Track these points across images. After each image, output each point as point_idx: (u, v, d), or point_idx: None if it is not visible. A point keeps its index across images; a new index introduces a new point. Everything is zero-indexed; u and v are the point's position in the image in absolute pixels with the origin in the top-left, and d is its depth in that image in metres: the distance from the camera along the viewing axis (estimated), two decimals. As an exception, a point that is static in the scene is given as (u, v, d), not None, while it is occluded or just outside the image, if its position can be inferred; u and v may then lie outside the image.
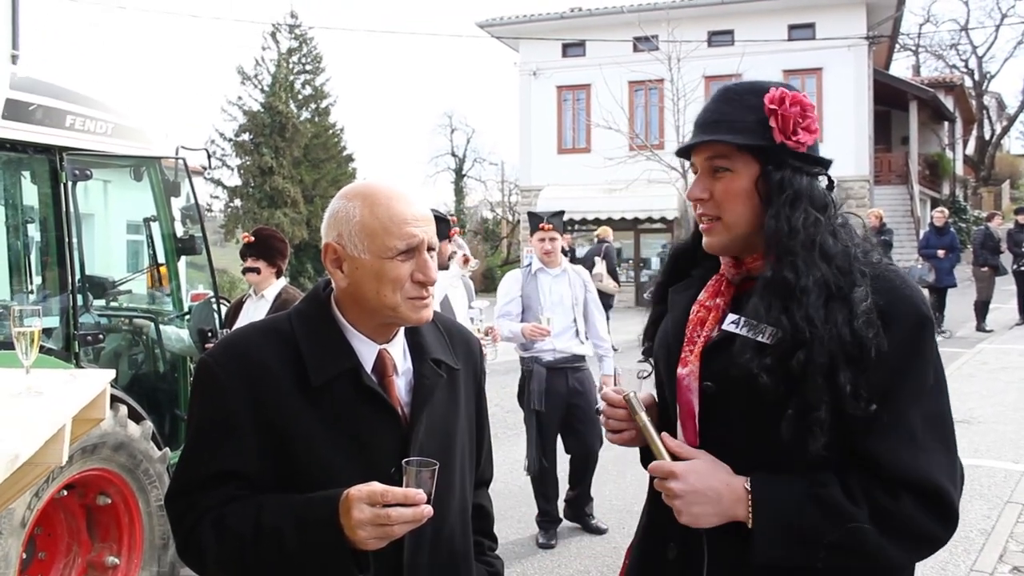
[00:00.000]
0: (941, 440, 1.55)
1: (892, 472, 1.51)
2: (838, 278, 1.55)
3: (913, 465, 1.51)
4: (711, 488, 1.57)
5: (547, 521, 5.74)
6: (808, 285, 1.54)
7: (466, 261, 5.68)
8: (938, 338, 1.69)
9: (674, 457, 1.64)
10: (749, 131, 1.64)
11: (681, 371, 1.71)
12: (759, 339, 1.58)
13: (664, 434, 1.66)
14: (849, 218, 1.68)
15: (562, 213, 5.90)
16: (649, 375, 1.88)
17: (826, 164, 1.69)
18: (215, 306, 5.23)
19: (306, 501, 1.59)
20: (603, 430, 1.86)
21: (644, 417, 1.68)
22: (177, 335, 5.21)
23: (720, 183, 1.68)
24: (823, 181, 1.69)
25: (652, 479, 1.71)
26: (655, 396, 1.88)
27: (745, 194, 1.66)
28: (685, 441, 1.70)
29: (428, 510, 1.52)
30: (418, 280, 1.69)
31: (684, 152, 1.74)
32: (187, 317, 5.30)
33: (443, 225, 5.42)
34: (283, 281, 5.11)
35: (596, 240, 15.14)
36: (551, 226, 5.62)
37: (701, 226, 1.74)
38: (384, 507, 1.50)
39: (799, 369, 1.51)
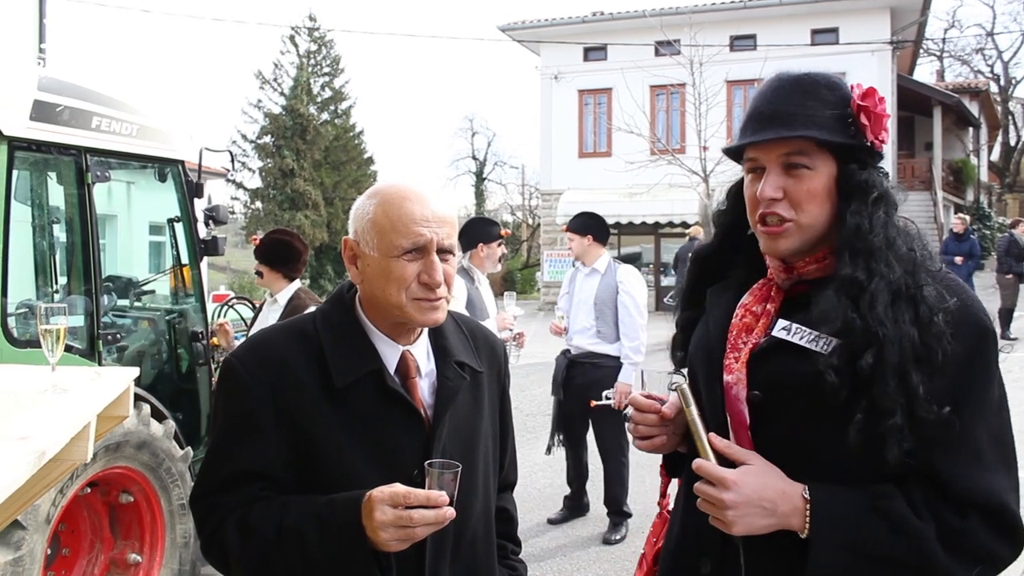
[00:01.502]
0: (1004, 459, 1.50)
1: (957, 490, 1.45)
2: (907, 279, 1.49)
3: (980, 484, 1.45)
4: (766, 499, 1.47)
5: (568, 497, 6.18)
6: (881, 285, 1.47)
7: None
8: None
9: (721, 459, 1.54)
10: (830, 127, 1.55)
11: (728, 378, 1.61)
12: (815, 348, 1.50)
13: (712, 435, 1.56)
14: (904, 222, 1.60)
15: (584, 215, 6.03)
16: (676, 388, 1.69)
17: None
18: (203, 309, 5.30)
19: (328, 502, 1.59)
20: (630, 437, 1.77)
21: (695, 411, 1.57)
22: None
23: (798, 182, 1.56)
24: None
25: (689, 482, 1.61)
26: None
27: (825, 193, 1.56)
28: None
29: (450, 512, 1.52)
30: (423, 282, 1.68)
31: (737, 150, 1.64)
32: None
33: (493, 228, 5.50)
34: (296, 285, 5.08)
35: (688, 239, 15.41)
36: (567, 227, 6.00)
37: (765, 228, 1.60)
38: (406, 509, 1.50)
39: (868, 371, 1.44)
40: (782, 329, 1.57)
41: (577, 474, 6.17)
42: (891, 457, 1.43)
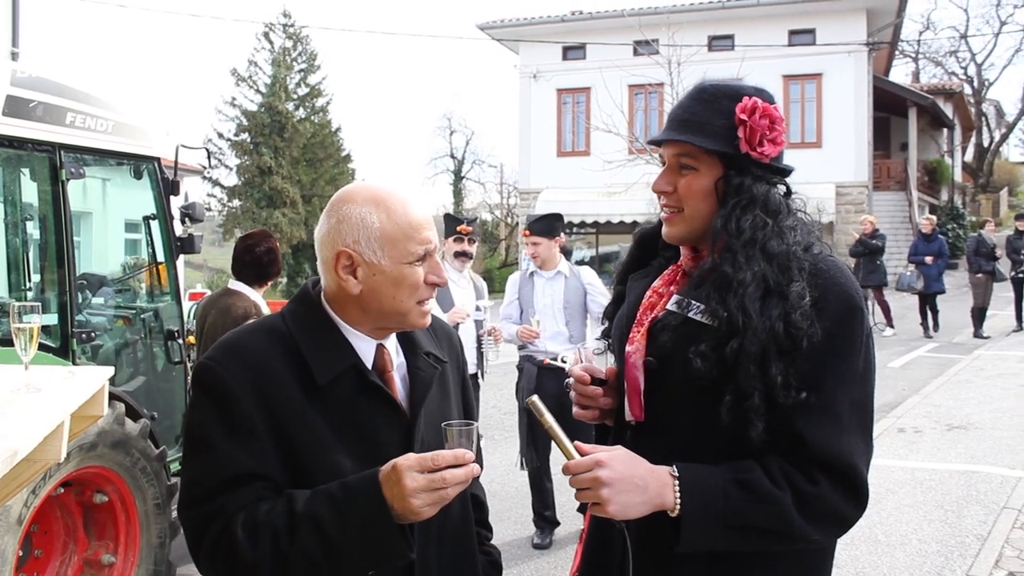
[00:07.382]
0: (861, 425, 1.63)
1: (814, 449, 1.57)
2: (777, 275, 1.62)
3: (835, 445, 1.58)
4: (637, 475, 1.58)
5: (543, 521, 5.73)
6: (746, 278, 1.61)
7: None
8: (932, 344, 1.71)
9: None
10: (717, 136, 1.70)
11: (628, 348, 1.78)
12: (701, 319, 1.66)
13: (576, 442, 1.64)
14: (802, 219, 1.75)
15: (551, 217, 5.76)
16: (603, 352, 1.93)
17: (786, 173, 1.77)
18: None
19: (341, 485, 1.57)
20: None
21: (550, 419, 1.65)
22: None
23: (684, 179, 1.75)
24: (782, 188, 1.76)
25: (596, 519, 1.76)
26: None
27: (706, 192, 1.73)
28: (631, 415, 1.76)
29: (476, 468, 1.54)
30: (431, 282, 1.73)
31: (655, 142, 1.82)
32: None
33: (447, 223, 5.41)
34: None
35: None
36: (530, 231, 5.61)
37: (662, 215, 1.81)
38: (436, 472, 1.49)
39: (732, 357, 1.58)
40: (674, 303, 1.74)
41: (543, 486, 5.69)
42: (754, 435, 1.58)
